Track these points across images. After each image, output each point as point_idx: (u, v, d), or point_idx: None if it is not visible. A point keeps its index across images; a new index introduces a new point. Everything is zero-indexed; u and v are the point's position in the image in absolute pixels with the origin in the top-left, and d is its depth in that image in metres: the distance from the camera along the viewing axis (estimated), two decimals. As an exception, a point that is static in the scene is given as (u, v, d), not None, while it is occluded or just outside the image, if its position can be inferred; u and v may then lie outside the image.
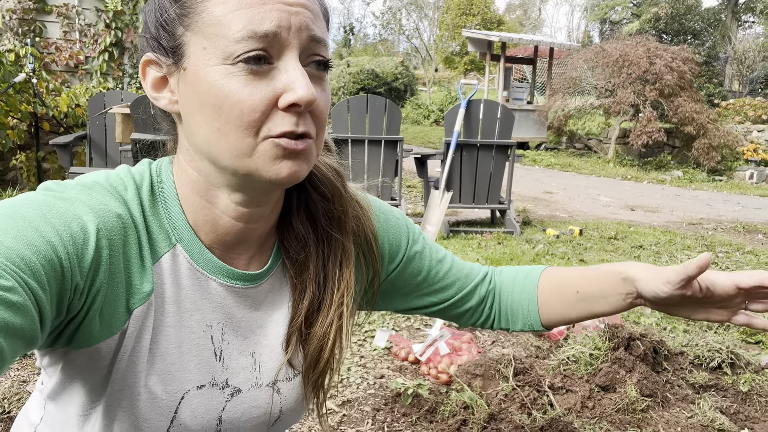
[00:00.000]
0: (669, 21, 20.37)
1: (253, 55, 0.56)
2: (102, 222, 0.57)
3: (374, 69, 17.41)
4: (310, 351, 0.72)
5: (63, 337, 0.59)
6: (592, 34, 32.18)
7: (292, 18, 0.57)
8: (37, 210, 0.53)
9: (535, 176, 9.42)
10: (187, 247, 0.66)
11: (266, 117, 0.57)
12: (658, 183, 9.65)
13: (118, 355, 0.61)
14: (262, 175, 0.59)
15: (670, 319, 3.12)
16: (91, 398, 0.64)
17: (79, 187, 0.60)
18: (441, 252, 0.89)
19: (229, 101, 0.56)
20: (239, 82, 0.56)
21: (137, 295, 0.61)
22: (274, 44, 0.57)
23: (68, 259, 0.53)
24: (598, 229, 5.42)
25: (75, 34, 7.12)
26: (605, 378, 2.21)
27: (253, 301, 0.72)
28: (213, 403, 0.68)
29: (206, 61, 0.57)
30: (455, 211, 5.96)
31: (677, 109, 10.49)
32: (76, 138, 5.22)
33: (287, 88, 0.57)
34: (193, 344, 0.67)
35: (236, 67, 0.56)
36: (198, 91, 0.58)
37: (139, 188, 0.65)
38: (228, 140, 0.58)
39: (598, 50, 11.56)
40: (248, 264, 0.72)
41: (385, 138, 4.96)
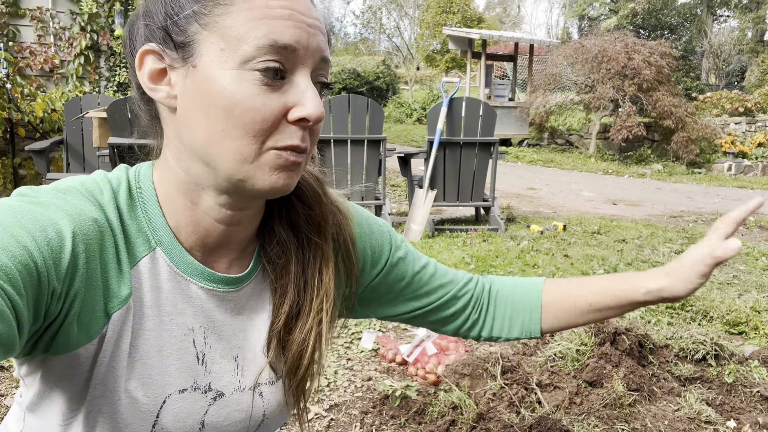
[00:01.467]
0: (646, 16, 20.64)
1: (271, 66, 0.57)
2: (78, 226, 0.57)
3: (356, 68, 17.37)
4: (290, 357, 0.72)
5: (41, 344, 0.58)
6: (570, 31, 32.48)
7: (311, 38, 0.60)
8: (12, 215, 0.53)
9: (519, 173, 9.47)
10: (166, 250, 0.66)
11: (274, 128, 0.59)
12: (639, 177, 9.76)
13: (98, 360, 0.61)
14: (256, 182, 0.61)
15: (655, 312, 3.15)
16: (71, 406, 0.63)
17: (53, 192, 0.60)
18: (423, 259, 0.89)
19: (241, 107, 0.57)
20: (253, 90, 0.57)
21: (115, 299, 0.61)
22: (290, 59, 0.59)
23: (44, 264, 0.52)
24: (581, 224, 5.46)
25: (50, 38, 6.99)
26: (592, 373, 2.21)
27: (234, 305, 0.72)
28: (195, 407, 0.68)
29: (222, 63, 0.58)
30: (440, 210, 5.96)
31: (656, 103, 10.62)
32: (52, 143, 5.12)
33: (298, 103, 0.59)
34: (174, 348, 0.66)
35: (251, 74, 0.57)
36: (208, 90, 0.58)
37: (115, 192, 0.64)
38: (232, 144, 0.59)
39: (577, 46, 11.66)
40: (229, 267, 0.72)
41: (368, 138, 4.94)
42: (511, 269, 3.90)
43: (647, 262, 4.19)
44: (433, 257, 3.83)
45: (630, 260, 4.20)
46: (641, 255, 4.38)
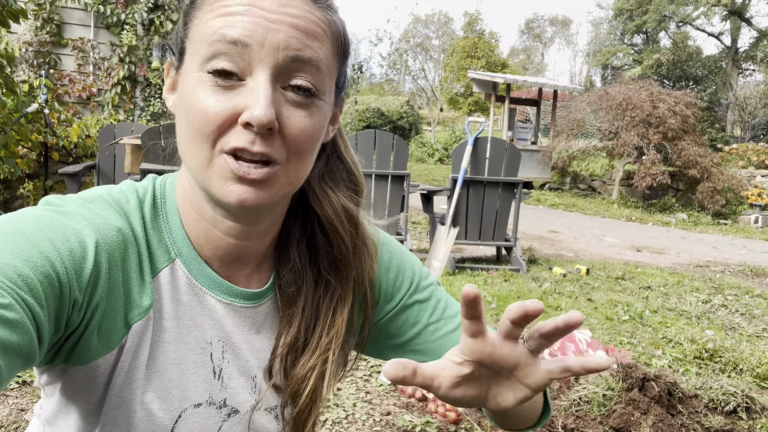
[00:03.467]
0: (671, 67, 20.76)
1: (219, 67, 0.55)
2: (101, 236, 0.56)
3: (380, 108, 17.66)
4: (289, 390, 0.69)
5: (61, 354, 0.57)
6: (594, 79, 32.77)
7: (270, 34, 0.55)
8: (35, 225, 0.53)
9: (540, 215, 9.41)
10: (186, 262, 0.65)
11: (224, 130, 0.56)
12: (663, 225, 9.62)
13: (116, 371, 0.60)
14: (214, 192, 0.58)
15: (682, 361, 3.06)
16: (88, 419, 0.62)
17: (79, 201, 0.60)
18: (456, 310, 0.78)
19: (194, 108, 0.56)
20: (206, 91, 0.56)
21: (136, 309, 0.60)
22: (243, 56, 0.55)
23: (66, 275, 0.52)
24: (605, 269, 5.37)
25: (89, 67, 7.26)
26: (619, 420, 2.14)
27: (252, 323, 0.70)
28: (210, 423, 0.66)
29: (190, 66, 0.59)
30: (461, 248, 5.93)
31: (681, 152, 10.55)
32: (85, 167, 5.26)
33: (246, 106, 0.55)
34: (191, 361, 0.65)
35: (206, 75, 0.56)
36: (181, 96, 0.60)
37: (141, 201, 0.64)
38: (191, 148, 0.58)
39: (601, 93, 11.72)
40: (248, 282, 0.70)
41: (392, 173, 4.98)
42: (533, 310, 3.83)
43: (674, 310, 4.09)
44: (454, 295, 3.78)
45: (656, 308, 4.10)
46: (667, 303, 4.28)
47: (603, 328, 3.55)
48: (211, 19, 0.56)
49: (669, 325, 3.70)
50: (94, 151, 6.23)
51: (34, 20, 6.90)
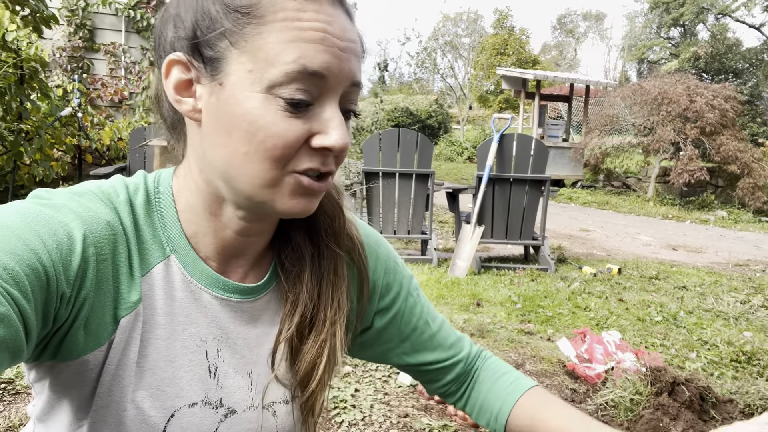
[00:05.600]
0: (709, 60, 20.09)
1: (297, 98, 0.55)
2: (89, 229, 0.56)
3: (408, 107, 17.61)
4: (303, 368, 0.69)
5: (49, 349, 0.56)
6: (629, 74, 32.00)
7: (342, 64, 0.56)
8: (22, 218, 0.52)
9: (571, 214, 9.21)
10: (181, 258, 0.64)
11: (295, 154, 0.57)
12: (701, 223, 9.30)
13: (105, 367, 0.59)
14: (275, 206, 0.59)
15: (718, 364, 2.92)
16: (77, 416, 0.61)
17: (68, 195, 0.59)
18: (435, 315, 0.86)
19: (264, 132, 0.55)
20: (277, 116, 0.55)
21: (124, 304, 0.59)
22: (318, 85, 0.56)
23: (53, 268, 0.51)
24: (638, 268, 5.20)
25: (120, 71, 7.42)
26: (647, 425, 2.05)
27: (249, 318, 0.69)
28: (205, 423, 0.65)
29: (249, 85, 0.55)
30: (487, 247, 5.84)
31: (720, 147, 10.19)
32: (116, 169, 5.37)
33: (322, 132, 0.57)
34: (186, 359, 0.64)
35: (277, 101, 0.55)
36: (233, 112, 0.56)
37: (131, 196, 0.63)
38: (253, 168, 0.57)
39: (635, 88, 11.41)
40: (244, 278, 0.70)
41: (417, 171, 4.93)
42: (560, 310, 3.73)
43: (710, 311, 3.93)
44: (478, 295, 3.71)
45: (691, 308, 3.94)
46: (704, 303, 4.11)
47: (634, 329, 3.43)
48: (284, 42, 0.54)
49: (705, 326, 3.55)
50: (125, 153, 6.37)
51: (68, 26, 7.09)
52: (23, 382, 2.21)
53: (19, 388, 2.18)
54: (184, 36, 0.58)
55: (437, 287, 4.11)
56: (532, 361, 2.82)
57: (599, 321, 3.56)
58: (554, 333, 3.29)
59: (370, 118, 16.10)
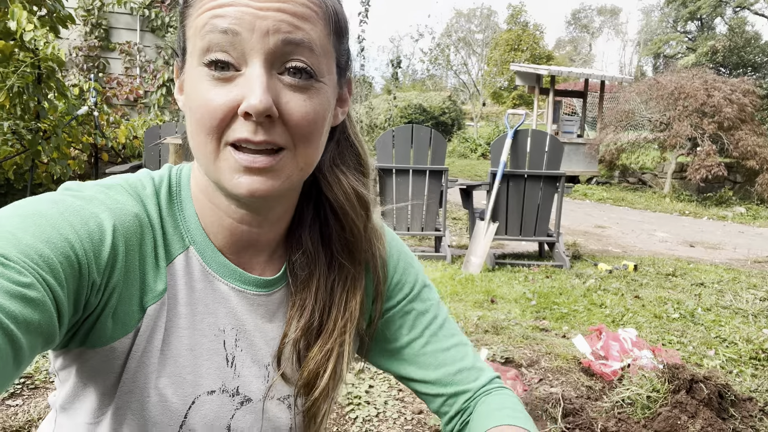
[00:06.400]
0: (727, 54, 19.76)
1: (213, 59, 0.56)
2: (119, 221, 0.58)
3: (422, 103, 17.56)
4: (305, 374, 0.69)
5: (78, 336, 0.58)
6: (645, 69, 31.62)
7: (258, 21, 0.55)
8: (55, 208, 0.54)
9: (586, 210, 9.13)
10: (199, 250, 0.66)
11: (227, 123, 0.56)
12: (719, 219, 9.17)
13: (131, 354, 0.61)
14: (224, 185, 0.59)
15: (737, 362, 2.87)
16: (102, 402, 0.63)
17: (97, 188, 0.61)
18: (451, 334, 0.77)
19: (197, 103, 0.57)
20: (207, 86, 0.56)
21: (151, 293, 0.61)
22: (236, 45, 0.55)
23: (85, 257, 0.53)
24: (654, 265, 5.14)
25: (136, 70, 7.48)
26: (664, 423, 2.02)
27: (265, 311, 0.70)
28: (222, 410, 0.67)
29: (191, 63, 0.59)
30: (501, 244, 5.81)
31: (738, 142, 10.03)
32: (132, 167, 5.41)
33: (244, 96, 0.55)
34: (205, 348, 0.66)
35: (204, 69, 0.57)
36: (186, 94, 0.60)
37: (157, 189, 0.66)
38: (198, 143, 0.58)
39: (652, 83, 11.27)
40: (262, 271, 0.70)
41: (430, 168, 4.91)
42: (575, 307, 3.70)
43: (729, 308, 3.87)
44: (492, 291, 3.69)
45: (709, 305, 3.89)
46: (722, 300, 4.05)
47: (650, 326, 3.39)
48: (203, 14, 0.57)
49: (723, 323, 3.49)
50: (140, 151, 6.43)
51: (83, 25, 7.17)
52: (41, 377, 2.24)
53: (38, 382, 2.21)
54: (174, 45, 0.64)
55: (451, 284, 4.10)
56: (547, 358, 2.80)
57: (615, 318, 3.52)
58: (569, 330, 3.26)
59: (384, 114, 16.07)
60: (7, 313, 0.44)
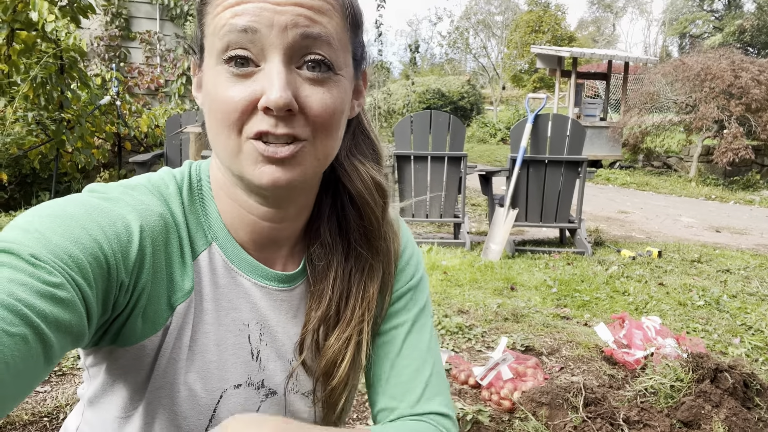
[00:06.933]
0: (755, 33, 19.18)
1: (233, 55, 0.56)
2: (145, 221, 0.59)
3: (440, 88, 17.40)
4: (324, 363, 0.70)
5: (108, 335, 0.60)
6: (670, 49, 30.85)
7: (276, 17, 0.56)
8: (83, 209, 0.55)
9: (609, 195, 9.00)
10: (222, 246, 0.67)
11: (247, 117, 0.58)
12: (746, 203, 8.97)
13: (161, 351, 0.62)
14: (247, 177, 0.60)
15: (763, 350, 2.82)
16: (133, 398, 0.64)
17: (122, 188, 0.62)
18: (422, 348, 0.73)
19: (217, 100, 0.58)
20: (226, 82, 0.57)
21: (179, 292, 0.62)
22: (255, 42, 0.56)
23: (114, 257, 0.54)
24: (679, 251, 5.06)
25: (156, 59, 7.54)
26: (688, 413, 2.00)
27: (288, 307, 0.71)
28: (249, 403, 0.68)
29: (209, 61, 0.60)
30: (521, 230, 5.76)
31: (766, 124, 9.76)
32: (154, 156, 5.47)
33: (264, 91, 0.56)
34: (231, 343, 0.67)
35: (223, 66, 0.58)
36: (205, 91, 0.61)
37: (180, 187, 0.66)
38: (220, 139, 0.59)
39: (677, 64, 10.99)
40: (283, 266, 0.72)
41: (449, 154, 4.88)
42: (597, 295, 3.66)
43: (755, 295, 3.79)
44: (512, 279, 3.67)
45: (735, 292, 3.82)
46: (748, 287, 3.97)
47: (675, 314, 3.34)
48: (221, 12, 0.57)
49: (749, 311, 3.43)
50: (162, 140, 6.50)
51: (104, 15, 7.23)
52: (69, 364, 2.29)
53: (65, 369, 2.26)
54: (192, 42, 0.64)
55: (470, 271, 4.08)
56: (568, 346, 2.78)
57: (638, 306, 3.48)
58: (591, 318, 3.23)
59: (402, 100, 15.98)
60: (37, 312, 0.45)
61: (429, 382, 0.71)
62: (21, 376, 0.43)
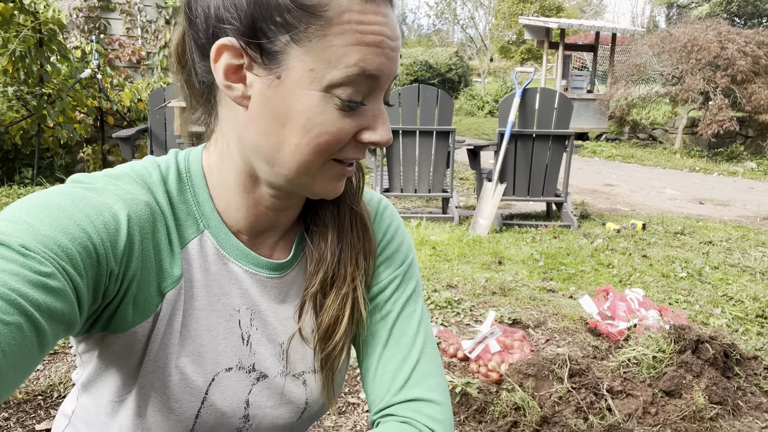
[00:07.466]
0: (742, 3, 19.13)
1: (355, 99, 0.58)
2: (132, 210, 0.59)
3: (428, 60, 17.23)
4: (325, 320, 0.72)
5: (99, 323, 0.60)
6: (657, 19, 30.69)
7: (392, 63, 0.59)
8: (70, 200, 0.55)
9: (595, 168, 9.07)
10: (214, 233, 0.68)
11: (342, 147, 0.61)
12: (730, 175, 9.09)
13: (152, 337, 0.63)
14: (313, 189, 0.64)
15: (743, 320, 2.90)
16: (126, 382, 0.65)
17: (106, 178, 0.62)
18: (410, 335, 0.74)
19: (319, 129, 0.58)
20: (333, 115, 0.58)
21: (168, 279, 0.63)
22: (371, 85, 0.59)
23: (102, 247, 0.54)
24: (663, 224, 5.14)
25: (137, 31, 7.36)
26: (670, 383, 2.06)
27: (278, 293, 0.73)
28: (240, 386, 0.70)
29: (309, 83, 0.57)
30: (509, 204, 5.80)
31: (751, 96, 9.83)
32: (138, 131, 5.38)
33: (371, 127, 0.61)
34: (222, 327, 0.69)
35: (334, 100, 0.58)
36: (290, 107, 0.58)
37: (164, 176, 0.66)
38: (300, 158, 0.60)
39: (664, 35, 10.97)
40: (272, 252, 0.73)
41: (437, 129, 4.86)
42: (583, 268, 3.72)
43: (736, 266, 3.88)
44: (500, 253, 3.70)
45: (717, 263, 3.90)
46: (730, 258, 4.06)
47: (658, 286, 3.42)
48: (348, 46, 0.56)
49: (730, 282, 3.51)
50: (146, 114, 6.39)
51: (83, -14, 7.02)
52: (60, 343, 2.30)
53: (57, 348, 2.27)
54: (240, 24, 0.57)
55: (459, 245, 4.12)
56: (554, 318, 2.84)
57: (622, 278, 3.54)
58: (576, 290, 3.30)
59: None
60: (31, 301, 0.45)
61: (416, 367, 0.72)
62: (17, 364, 0.44)
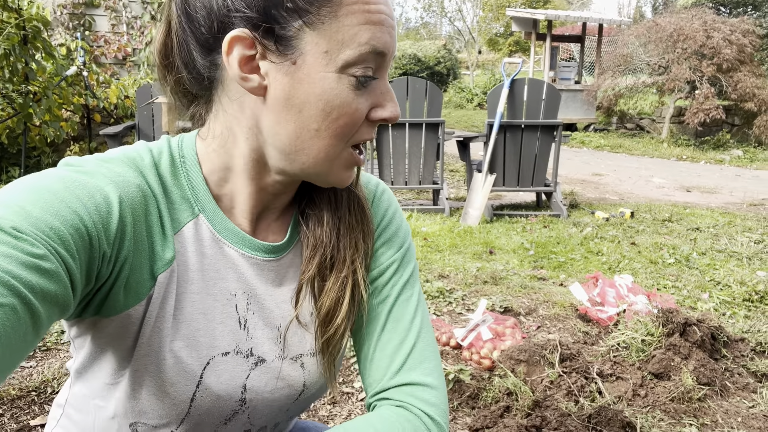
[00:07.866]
0: (728, -8, 19.25)
1: (369, 74, 0.60)
2: (123, 192, 0.59)
3: (416, 53, 17.22)
4: (325, 304, 0.72)
5: (92, 306, 0.60)
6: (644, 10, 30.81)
7: (394, 42, 0.62)
8: (61, 183, 0.55)
9: (584, 158, 9.12)
10: (209, 217, 0.67)
11: (358, 128, 0.62)
12: (716, 163, 9.18)
13: (145, 319, 0.63)
14: (328, 177, 0.64)
15: (730, 303, 2.95)
16: (120, 365, 0.65)
17: (97, 161, 0.62)
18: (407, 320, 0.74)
19: (339, 111, 0.59)
20: (350, 94, 0.60)
21: (160, 261, 0.63)
22: (379, 63, 0.61)
23: (95, 229, 0.54)
24: (651, 212, 5.19)
25: (122, 27, 7.30)
26: (659, 365, 2.10)
27: (275, 276, 0.72)
28: (237, 371, 0.70)
29: (325, 65, 0.58)
30: (499, 195, 5.83)
31: (737, 84, 9.93)
32: (125, 128, 5.35)
33: (379, 105, 0.62)
34: (218, 312, 0.68)
35: (349, 79, 0.59)
36: (307, 91, 0.59)
37: (156, 160, 0.66)
38: (321, 143, 0.61)
39: (650, 25, 11.04)
40: (267, 235, 0.73)
41: (426, 121, 4.88)
42: (573, 256, 3.76)
43: (723, 252, 3.93)
44: (491, 243, 3.72)
45: (704, 249, 3.95)
46: (717, 244, 4.11)
47: (646, 272, 3.46)
48: (357, 26, 0.58)
49: (717, 267, 3.56)
50: (133, 111, 6.34)
51: (66, -18, 6.94)
52: (53, 339, 2.30)
53: (50, 344, 2.26)
54: (252, 14, 0.57)
55: (450, 236, 4.14)
56: (545, 306, 2.87)
57: (611, 265, 3.58)
58: (567, 278, 3.33)
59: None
60: (24, 282, 0.45)
61: (412, 351, 0.72)
62: (11, 346, 0.44)
